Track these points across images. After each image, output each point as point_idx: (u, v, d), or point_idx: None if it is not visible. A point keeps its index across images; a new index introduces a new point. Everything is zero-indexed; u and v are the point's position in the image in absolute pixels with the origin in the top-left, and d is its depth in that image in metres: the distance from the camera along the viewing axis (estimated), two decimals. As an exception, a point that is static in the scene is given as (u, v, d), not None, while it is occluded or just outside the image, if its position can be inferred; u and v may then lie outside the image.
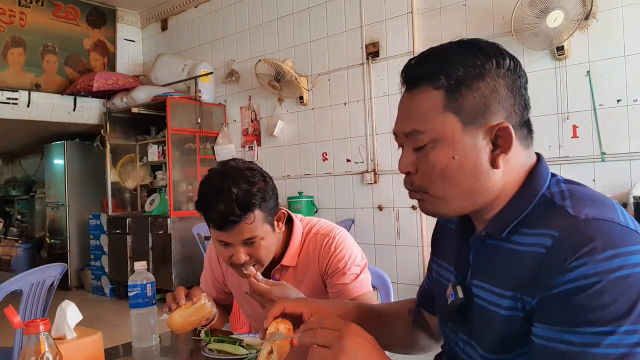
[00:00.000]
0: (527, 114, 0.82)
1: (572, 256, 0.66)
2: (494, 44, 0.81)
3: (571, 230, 0.69)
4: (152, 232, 5.10)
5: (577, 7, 3.08)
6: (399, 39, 3.99)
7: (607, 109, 3.16)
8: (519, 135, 0.79)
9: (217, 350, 1.23)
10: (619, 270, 0.65)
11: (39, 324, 0.88)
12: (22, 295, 2.18)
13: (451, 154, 0.76)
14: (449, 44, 0.81)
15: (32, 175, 7.97)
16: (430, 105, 0.77)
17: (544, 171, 0.80)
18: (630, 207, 2.93)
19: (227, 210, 1.19)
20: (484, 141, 0.76)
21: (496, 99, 0.76)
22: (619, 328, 0.64)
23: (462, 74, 0.76)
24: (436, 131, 0.76)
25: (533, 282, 0.71)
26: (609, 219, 0.70)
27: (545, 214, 0.74)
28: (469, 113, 0.76)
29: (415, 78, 0.79)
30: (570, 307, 0.66)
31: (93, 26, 5.82)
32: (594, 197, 0.75)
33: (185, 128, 5.11)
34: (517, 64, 0.80)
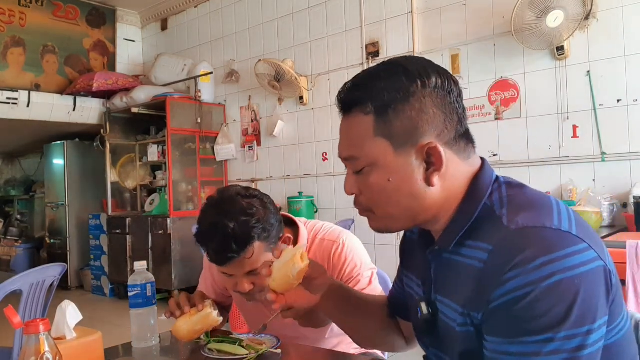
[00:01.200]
0: (462, 127, 0.81)
1: (506, 269, 0.67)
2: (421, 62, 0.80)
3: (504, 242, 0.70)
4: (152, 232, 5.10)
5: (577, 7, 3.08)
6: (399, 39, 3.99)
7: (607, 109, 3.16)
8: (456, 149, 0.79)
9: (217, 351, 1.23)
10: (551, 277, 0.65)
11: (38, 324, 0.88)
12: (22, 295, 2.18)
13: (387, 177, 0.78)
14: (377, 67, 0.81)
15: (32, 175, 7.97)
16: (362, 131, 0.79)
17: (486, 178, 0.80)
18: (630, 207, 2.93)
19: (224, 247, 1.16)
20: (417, 161, 0.78)
21: (424, 120, 0.77)
22: (558, 334, 0.64)
23: (387, 99, 0.77)
24: (370, 156, 0.79)
25: (476, 298, 0.72)
26: (541, 225, 0.70)
27: (486, 225, 0.75)
28: (398, 136, 0.77)
29: (347, 104, 0.81)
30: (509, 319, 0.67)
31: (93, 26, 5.82)
32: (532, 202, 0.75)
33: (185, 128, 5.11)
34: (445, 79, 0.79)
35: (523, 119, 3.47)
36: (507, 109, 3.54)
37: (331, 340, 1.46)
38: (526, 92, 3.45)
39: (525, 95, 3.46)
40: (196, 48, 5.61)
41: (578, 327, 0.65)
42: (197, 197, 5.20)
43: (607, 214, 2.99)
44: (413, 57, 0.81)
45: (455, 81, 0.80)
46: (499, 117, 3.57)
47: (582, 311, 0.65)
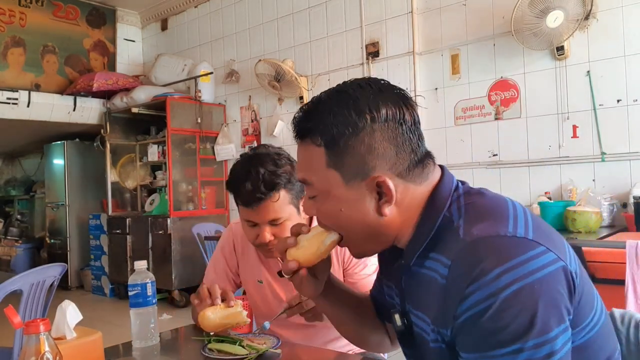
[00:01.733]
0: (418, 154, 0.80)
1: (466, 283, 0.68)
2: (373, 92, 0.78)
3: (461, 255, 0.71)
4: (152, 232, 5.10)
5: (577, 7, 3.08)
6: (399, 39, 3.99)
7: (607, 109, 3.16)
8: (410, 177, 0.79)
9: (217, 350, 1.23)
10: (510, 286, 0.65)
11: (39, 324, 0.88)
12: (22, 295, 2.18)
13: (338, 207, 0.80)
14: (328, 97, 0.80)
15: (32, 175, 7.97)
16: (315, 160, 0.80)
17: (444, 191, 0.81)
18: (630, 207, 2.93)
19: (253, 188, 1.28)
20: (368, 193, 0.78)
21: (374, 154, 0.77)
22: (526, 344, 0.64)
23: (336, 134, 0.77)
24: (323, 185, 0.80)
25: (443, 314, 0.73)
26: (495, 234, 0.70)
27: (445, 237, 0.76)
28: (349, 170, 0.78)
29: (300, 133, 0.83)
30: (477, 333, 0.67)
31: (93, 26, 5.82)
32: (488, 210, 0.76)
33: (185, 128, 5.11)
34: (397, 109, 0.78)
35: (523, 119, 3.47)
36: (507, 109, 3.54)
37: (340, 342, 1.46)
38: (526, 92, 3.45)
39: (525, 95, 3.46)
40: (196, 48, 5.61)
41: (545, 334, 0.64)
42: (197, 197, 5.20)
43: (607, 214, 2.99)
44: (366, 86, 0.79)
45: (409, 106, 0.79)
46: (499, 117, 3.57)
47: (547, 316, 0.65)
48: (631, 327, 0.98)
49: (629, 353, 0.97)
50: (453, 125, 3.79)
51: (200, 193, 5.19)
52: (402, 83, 3.96)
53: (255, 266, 1.54)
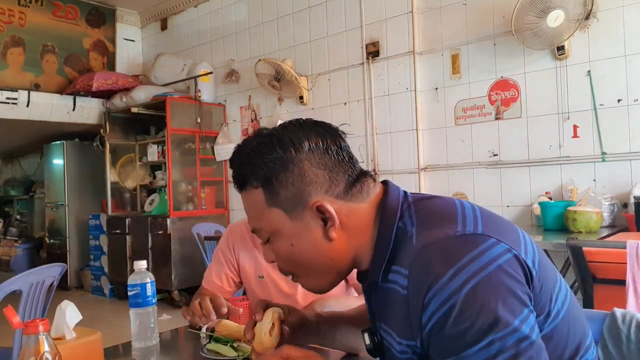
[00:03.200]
0: (352, 174, 0.82)
1: (423, 291, 0.68)
2: (294, 129, 0.82)
3: (415, 264, 0.72)
4: (152, 232, 5.09)
5: (578, 6, 3.08)
6: (399, 38, 3.98)
7: (608, 108, 3.15)
8: (350, 197, 0.81)
9: (213, 351, 1.23)
10: (466, 284, 0.66)
11: (38, 324, 0.87)
12: (21, 295, 2.17)
13: (288, 242, 0.82)
14: (255, 141, 0.83)
15: (32, 175, 7.96)
16: (257, 204, 0.83)
17: (391, 203, 0.82)
18: (630, 207, 2.93)
19: None
20: (312, 221, 0.80)
21: (306, 182, 0.79)
22: (496, 335, 0.65)
23: (267, 171, 0.80)
24: (269, 226, 0.83)
25: (409, 325, 0.73)
26: (444, 236, 0.71)
27: (402, 247, 0.77)
28: (288, 203, 0.80)
29: (238, 183, 0.85)
30: (445, 338, 0.68)
31: (92, 26, 5.81)
32: (437, 213, 0.78)
33: (185, 128, 5.10)
34: (320, 140, 0.81)
35: (523, 119, 3.47)
36: (508, 109, 3.53)
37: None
38: (526, 92, 3.45)
39: (525, 95, 3.46)
40: (196, 48, 5.60)
41: (512, 322, 0.65)
42: (196, 197, 5.20)
43: (607, 214, 2.99)
44: (288, 125, 0.84)
45: (334, 135, 0.82)
46: (499, 117, 3.56)
47: (509, 305, 0.65)
48: (632, 327, 0.98)
49: (630, 353, 0.97)
50: (453, 125, 3.78)
51: (200, 193, 5.18)
52: (402, 83, 3.97)
53: (255, 262, 1.58)
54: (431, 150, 3.91)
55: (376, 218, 0.82)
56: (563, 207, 2.87)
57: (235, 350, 1.21)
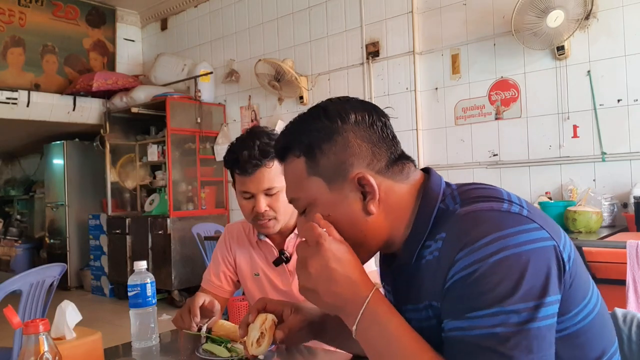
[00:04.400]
0: (394, 152, 0.83)
1: (456, 250, 0.69)
2: (341, 103, 0.84)
3: (454, 226, 0.73)
4: (152, 232, 5.09)
5: (578, 6, 3.08)
6: (399, 38, 3.99)
7: (608, 108, 3.15)
8: (390, 174, 0.82)
9: (209, 351, 1.23)
10: (497, 253, 0.67)
11: (38, 324, 0.87)
12: (21, 295, 2.18)
13: (326, 213, 0.81)
14: (301, 114, 0.86)
15: (32, 175, 7.96)
16: (297, 173, 0.84)
17: (434, 185, 0.82)
18: (630, 207, 2.93)
19: (250, 155, 1.41)
20: (352, 193, 0.80)
21: (350, 153, 0.80)
22: (505, 308, 0.65)
23: (312, 140, 0.81)
24: (308, 196, 0.83)
25: (435, 286, 0.74)
26: (488, 208, 0.73)
27: (441, 221, 0.77)
28: (329, 172, 0.81)
29: (280, 153, 0.87)
30: (460, 297, 0.69)
31: (93, 26, 5.81)
32: (483, 194, 0.78)
33: (185, 128, 5.10)
34: (366, 113, 0.82)
35: (523, 119, 3.47)
36: (508, 109, 3.53)
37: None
38: (526, 92, 3.45)
39: (525, 95, 3.46)
40: (196, 48, 5.61)
41: (525, 302, 0.65)
42: (197, 197, 5.20)
43: (607, 214, 2.99)
44: (335, 99, 0.86)
45: (379, 113, 0.84)
46: (499, 117, 3.57)
47: (529, 286, 0.66)
48: (633, 327, 0.98)
49: (631, 353, 0.97)
50: (453, 125, 3.78)
51: (200, 193, 5.18)
52: (402, 83, 3.97)
53: (250, 261, 1.60)
54: (431, 150, 3.91)
55: (416, 200, 0.82)
56: (563, 207, 2.87)
57: (229, 351, 1.21)
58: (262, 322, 0.99)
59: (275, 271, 1.56)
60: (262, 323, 0.99)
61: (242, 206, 1.49)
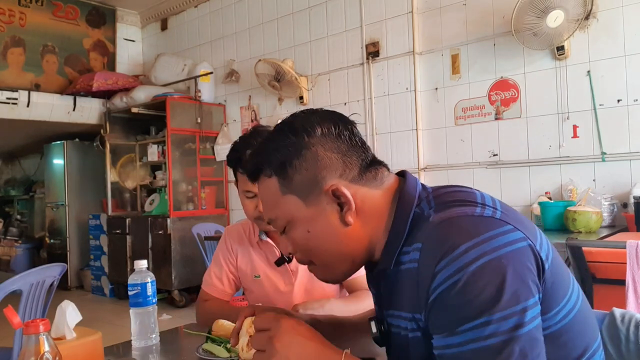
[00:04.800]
0: (365, 159, 0.83)
1: (435, 261, 0.68)
2: (306, 116, 0.83)
3: (430, 236, 0.72)
4: (152, 232, 5.10)
5: (578, 7, 3.08)
6: (399, 39, 3.99)
7: (608, 108, 3.15)
8: (364, 181, 0.81)
9: (208, 351, 1.23)
10: (477, 260, 0.66)
11: (38, 324, 0.87)
12: (21, 295, 2.18)
13: (305, 229, 0.81)
14: (268, 134, 0.85)
15: (32, 175, 7.96)
16: (271, 193, 0.83)
17: (409, 191, 0.82)
18: (630, 207, 2.93)
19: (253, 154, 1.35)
20: (328, 206, 0.80)
21: (321, 166, 0.79)
22: (493, 316, 0.64)
23: (281, 158, 0.81)
24: (285, 214, 0.82)
25: (417, 299, 0.73)
26: (462, 214, 0.72)
27: (417, 228, 0.77)
28: (303, 188, 0.80)
29: (252, 174, 0.86)
30: (445, 310, 0.68)
31: (93, 26, 5.81)
32: (456, 198, 0.78)
33: (185, 128, 5.11)
34: (332, 125, 0.81)
35: (523, 119, 3.47)
36: (507, 109, 3.53)
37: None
38: (526, 92, 3.45)
39: (525, 95, 3.46)
40: (196, 48, 5.61)
41: (512, 306, 0.64)
42: (197, 197, 5.20)
43: (607, 214, 2.99)
44: (301, 113, 0.85)
45: (345, 121, 0.83)
46: (499, 117, 3.57)
47: (514, 289, 0.65)
48: (631, 327, 0.98)
49: (629, 353, 0.97)
50: (453, 125, 3.79)
51: (200, 193, 5.19)
52: (402, 83, 3.97)
53: (251, 262, 1.60)
54: (431, 150, 3.91)
55: (392, 205, 0.81)
56: (563, 207, 2.87)
57: (228, 351, 1.21)
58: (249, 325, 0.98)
59: (277, 272, 1.55)
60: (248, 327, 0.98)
61: (244, 205, 1.49)
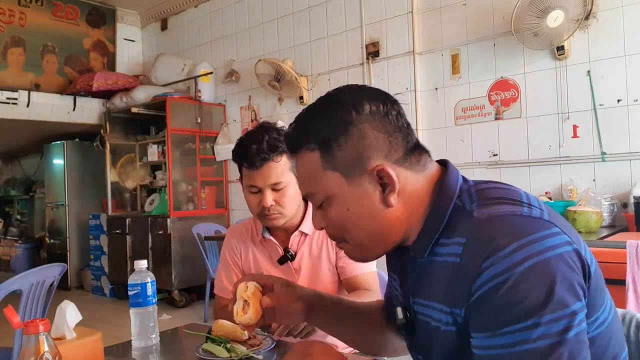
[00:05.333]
0: (410, 141, 0.81)
1: (480, 259, 0.67)
2: (354, 92, 0.82)
3: (475, 233, 0.71)
4: (152, 232, 5.10)
5: (578, 7, 3.08)
6: (399, 39, 3.99)
7: (608, 108, 3.15)
8: (408, 164, 0.80)
9: (208, 351, 1.23)
10: (525, 261, 0.65)
11: (38, 324, 0.88)
12: (21, 295, 2.18)
13: (345, 207, 0.80)
14: (314, 104, 0.84)
15: (32, 175, 7.97)
16: (311, 167, 0.81)
17: (451, 181, 0.81)
18: (630, 207, 2.93)
19: (258, 149, 1.41)
20: (371, 186, 0.79)
21: (366, 145, 0.78)
22: (542, 318, 0.63)
23: (327, 133, 0.79)
24: (325, 190, 0.81)
25: (456, 294, 0.72)
26: (510, 212, 0.71)
27: (457, 221, 0.76)
28: (346, 166, 0.79)
29: (292, 146, 0.84)
30: (491, 310, 0.67)
31: (93, 26, 5.82)
32: (501, 195, 0.77)
33: (185, 128, 5.11)
34: (380, 102, 0.80)
35: (523, 119, 3.47)
36: (507, 109, 3.53)
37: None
38: (526, 92, 3.45)
39: (525, 95, 3.46)
40: (196, 48, 5.61)
41: (562, 309, 0.64)
42: (197, 197, 5.20)
43: (607, 214, 2.99)
44: (347, 88, 0.83)
45: (392, 101, 0.82)
46: (499, 117, 3.57)
47: (563, 292, 0.64)
48: (632, 327, 0.98)
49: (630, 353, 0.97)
50: (453, 125, 3.79)
51: (200, 193, 5.19)
52: (402, 83, 3.97)
53: (255, 261, 1.60)
54: (431, 150, 3.85)
55: (432, 193, 0.80)
56: (563, 207, 2.87)
57: (228, 351, 1.21)
58: (244, 290, 0.96)
59: (280, 270, 1.55)
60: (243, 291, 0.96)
61: (248, 200, 1.50)
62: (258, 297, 0.97)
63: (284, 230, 1.56)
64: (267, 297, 0.97)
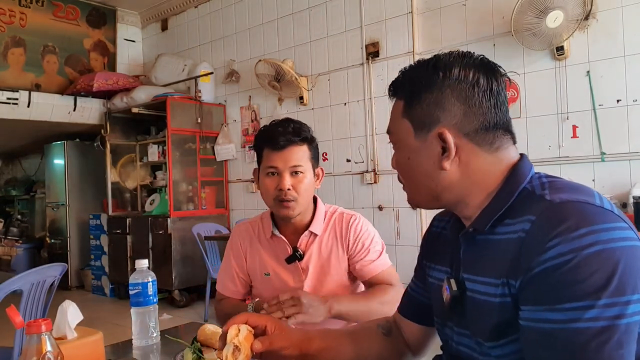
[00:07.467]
0: (490, 120, 0.82)
1: (548, 236, 0.69)
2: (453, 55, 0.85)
3: (547, 212, 0.73)
4: (152, 232, 5.10)
5: (577, 7, 3.08)
6: (399, 39, 3.99)
7: (607, 109, 3.16)
8: (478, 140, 0.82)
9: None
10: (592, 246, 0.67)
11: (40, 324, 0.88)
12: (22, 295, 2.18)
13: (407, 155, 0.87)
14: (420, 60, 0.89)
15: (33, 175, 7.97)
16: (396, 111, 0.89)
17: (525, 168, 0.84)
18: (630, 207, 2.93)
19: (284, 130, 1.48)
20: (432, 145, 0.83)
21: (442, 109, 0.82)
22: (598, 301, 0.65)
23: (413, 87, 0.85)
24: (397, 133, 0.89)
25: (516, 266, 0.73)
26: (584, 200, 0.73)
27: (526, 204, 0.78)
28: (418, 120, 0.85)
29: (391, 91, 0.92)
30: (549, 285, 0.68)
31: (93, 26, 5.82)
32: (573, 185, 0.79)
33: (185, 128, 5.11)
34: (474, 73, 0.82)
35: (523, 119, 3.47)
36: (507, 109, 3.53)
37: None
38: (526, 92, 3.46)
39: (525, 95, 3.46)
40: (196, 48, 5.61)
41: (618, 296, 0.65)
42: (197, 197, 5.21)
43: (606, 214, 2.99)
44: (455, 52, 0.86)
45: (489, 74, 0.83)
46: (499, 117, 3.57)
47: (622, 281, 0.66)
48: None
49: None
50: (453, 125, 3.79)
51: (200, 193, 5.19)
52: (402, 83, 3.97)
53: (262, 260, 1.59)
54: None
55: (502, 174, 0.83)
56: (562, 207, 2.88)
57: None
58: (235, 334, 0.92)
59: (287, 269, 1.55)
60: (235, 335, 0.92)
61: (265, 184, 1.52)
62: (250, 340, 0.93)
63: (293, 228, 1.56)
64: (258, 342, 0.93)
